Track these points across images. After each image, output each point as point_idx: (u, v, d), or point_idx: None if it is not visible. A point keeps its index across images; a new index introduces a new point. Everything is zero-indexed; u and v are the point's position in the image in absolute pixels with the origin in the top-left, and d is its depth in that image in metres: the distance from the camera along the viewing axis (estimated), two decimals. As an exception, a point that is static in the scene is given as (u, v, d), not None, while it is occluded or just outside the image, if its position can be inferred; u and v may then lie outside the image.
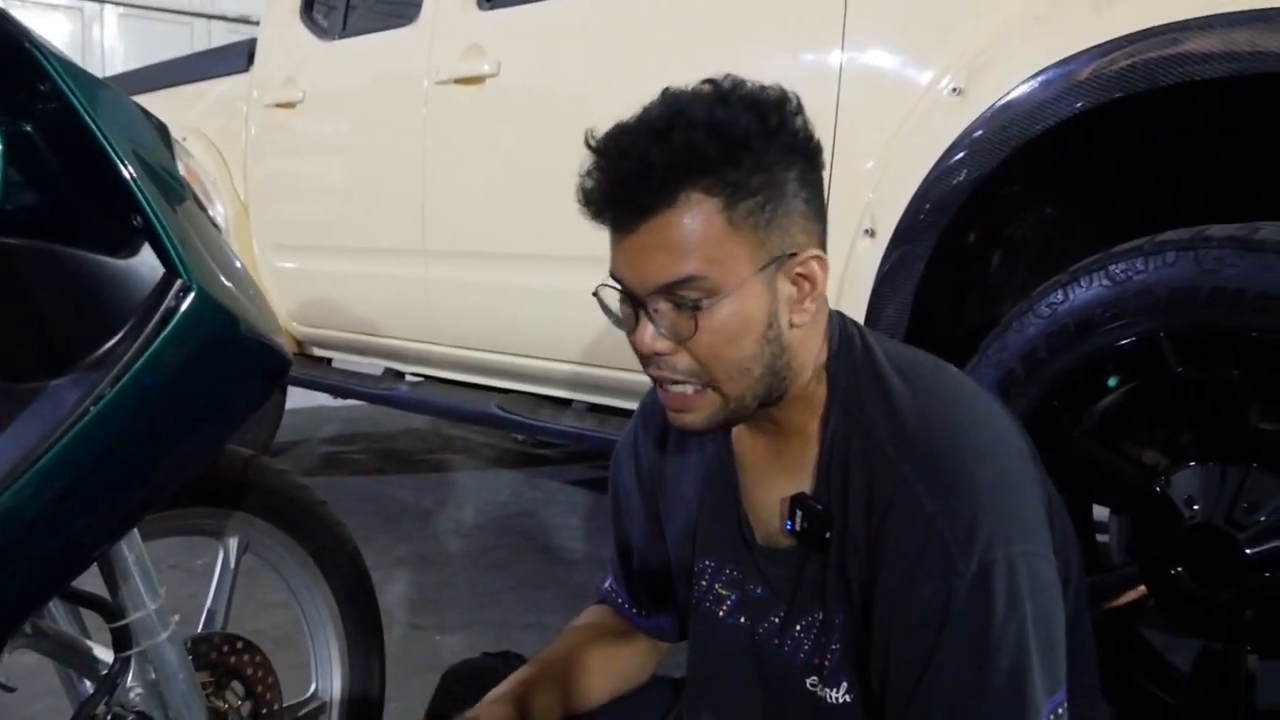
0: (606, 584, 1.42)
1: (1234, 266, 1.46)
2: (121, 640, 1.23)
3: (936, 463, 1.00)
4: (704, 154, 0.97)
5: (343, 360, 3.66)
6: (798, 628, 1.13)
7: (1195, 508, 1.55)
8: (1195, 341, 1.52)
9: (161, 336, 1.01)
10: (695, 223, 0.98)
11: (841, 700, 1.10)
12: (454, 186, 2.87)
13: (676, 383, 1.04)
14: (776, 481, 1.14)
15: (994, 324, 1.74)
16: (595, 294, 1.09)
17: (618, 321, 1.07)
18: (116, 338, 1.02)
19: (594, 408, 2.74)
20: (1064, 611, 1.02)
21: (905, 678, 0.99)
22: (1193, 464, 1.57)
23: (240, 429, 1.22)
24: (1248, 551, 1.48)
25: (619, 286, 1.04)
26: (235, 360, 1.11)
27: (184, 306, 1.02)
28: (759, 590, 1.17)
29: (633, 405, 1.39)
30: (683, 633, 1.35)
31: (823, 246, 1.06)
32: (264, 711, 1.45)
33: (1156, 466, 1.63)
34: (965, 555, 0.95)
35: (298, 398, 4.46)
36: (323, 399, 4.47)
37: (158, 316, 1.02)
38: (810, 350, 1.08)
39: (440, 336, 3.02)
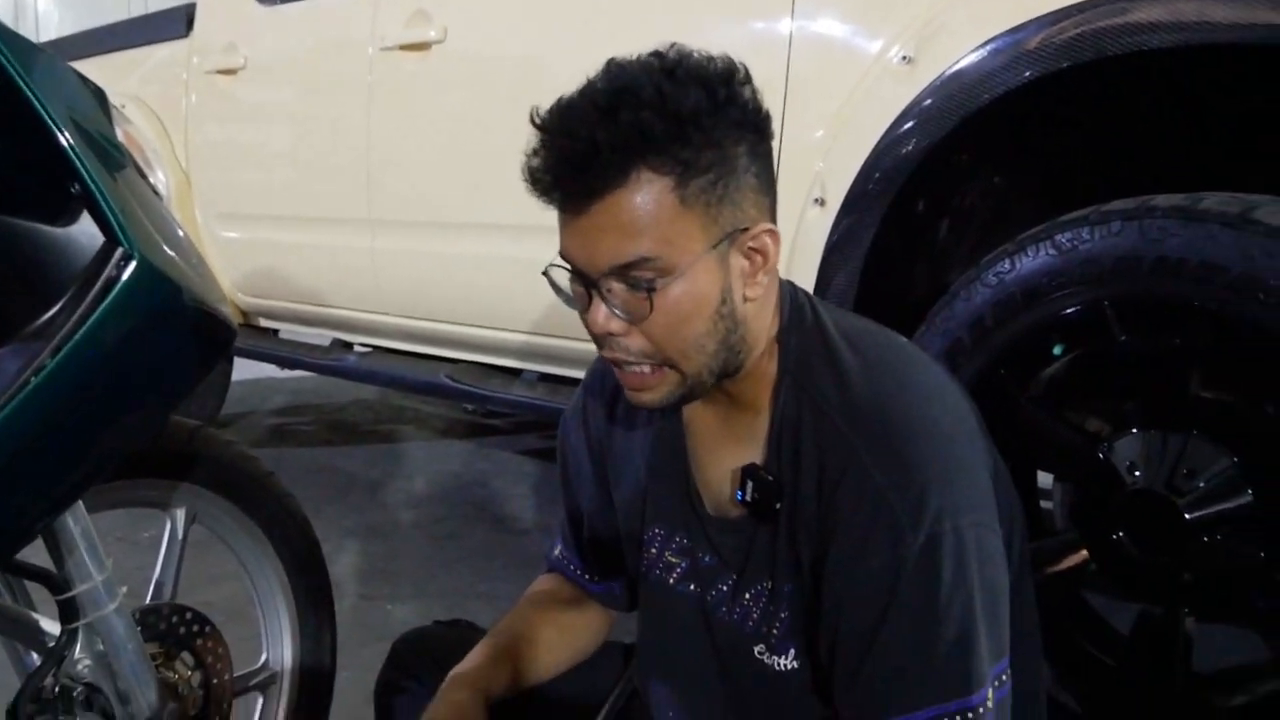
0: (556, 551, 1.42)
1: (1177, 236, 1.47)
2: (68, 612, 1.22)
3: (886, 435, 1.00)
4: (653, 132, 0.95)
5: (290, 331, 3.62)
6: (746, 596, 1.14)
7: (1137, 474, 1.57)
8: (1139, 311, 1.54)
9: (103, 306, 0.99)
10: (646, 203, 0.96)
11: (789, 667, 1.11)
12: (400, 155, 2.84)
13: (632, 363, 1.04)
14: (727, 452, 1.14)
15: (942, 293, 1.75)
16: (545, 273, 1.07)
17: (569, 301, 1.06)
18: (56, 307, 1.00)
19: (544, 377, 2.73)
20: (1008, 579, 1.04)
21: (853, 647, 1.00)
22: (1135, 431, 1.59)
23: (186, 400, 1.21)
24: (1187, 517, 1.51)
25: (569, 267, 1.03)
26: (178, 330, 1.09)
27: (125, 275, 1.00)
28: (707, 559, 1.18)
29: (583, 374, 1.39)
30: (633, 601, 1.36)
31: (773, 218, 1.05)
32: (214, 681, 1.44)
33: (1100, 433, 1.65)
34: (914, 526, 0.96)
35: (245, 369, 4.41)
36: (270, 370, 4.43)
37: (99, 286, 1.00)
38: (763, 323, 1.08)
39: (387, 306, 3.00)
